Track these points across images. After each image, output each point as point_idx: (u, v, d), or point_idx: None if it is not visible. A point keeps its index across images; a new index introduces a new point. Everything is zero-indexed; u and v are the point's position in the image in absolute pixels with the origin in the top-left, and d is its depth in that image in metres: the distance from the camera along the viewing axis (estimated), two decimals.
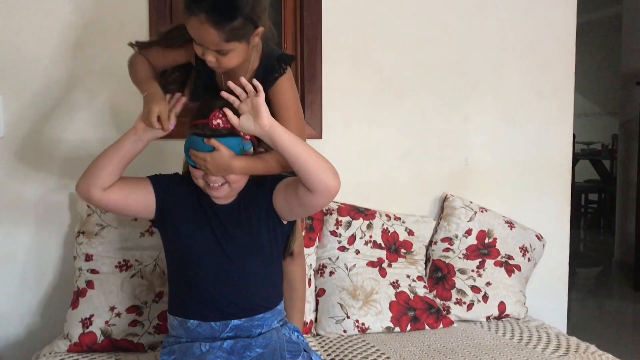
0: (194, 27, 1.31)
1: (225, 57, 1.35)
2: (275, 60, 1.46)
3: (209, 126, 1.35)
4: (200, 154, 1.36)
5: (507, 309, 2.05)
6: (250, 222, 1.47)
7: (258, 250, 1.47)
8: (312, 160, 1.32)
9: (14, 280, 1.95)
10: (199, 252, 1.44)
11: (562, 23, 2.35)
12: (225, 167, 1.37)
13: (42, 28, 1.90)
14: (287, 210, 1.47)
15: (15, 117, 1.91)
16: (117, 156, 1.41)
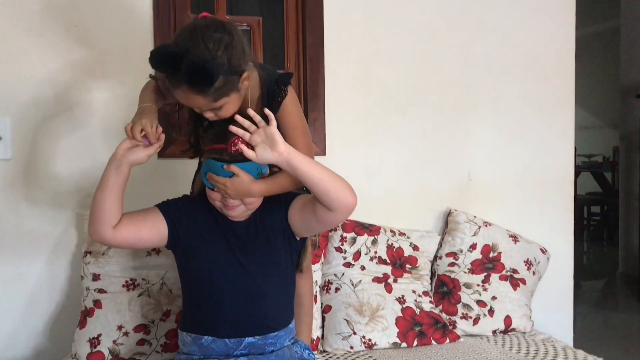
0: (182, 97, 1.34)
1: (222, 110, 1.37)
2: (275, 85, 1.48)
3: (227, 152, 1.37)
4: (220, 179, 1.38)
5: (513, 323, 2.05)
6: (267, 237, 1.49)
7: (275, 265, 1.49)
8: (330, 182, 1.34)
9: (21, 300, 1.96)
10: (216, 268, 1.45)
11: (560, 37, 2.38)
12: (245, 191, 1.41)
13: (48, 52, 1.93)
14: (304, 227, 1.49)
15: (22, 140, 1.93)
16: (107, 192, 1.39)
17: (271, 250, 1.49)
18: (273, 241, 1.49)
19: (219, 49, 1.28)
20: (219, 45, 1.28)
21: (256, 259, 1.46)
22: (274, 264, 1.49)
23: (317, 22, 2.10)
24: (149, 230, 1.47)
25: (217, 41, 1.28)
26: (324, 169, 1.35)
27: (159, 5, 1.98)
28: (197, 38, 1.27)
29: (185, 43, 1.28)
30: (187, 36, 1.29)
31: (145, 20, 1.99)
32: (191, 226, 1.49)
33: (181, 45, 1.28)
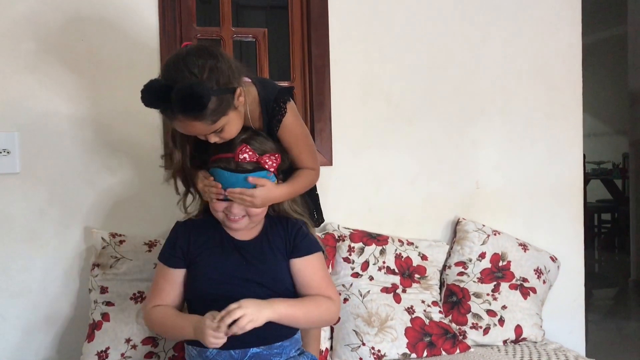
0: (180, 127, 1.36)
1: (225, 132, 1.39)
2: (274, 103, 1.49)
3: (234, 160, 1.39)
4: (247, 191, 1.41)
5: (524, 332, 2.03)
6: (273, 254, 1.51)
7: (279, 280, 1.50)
8: (314, 321, 1.54)
9: (29, 314, 1.96)
10: (220, 282, 1.46)
11: (567, 44, 2.37)
12: (272, 198, 1.46)
13: (56, 66, 1.94)
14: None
15: (31, 154, 1.94)
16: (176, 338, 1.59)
17: (276, 266, 1.50)
18: (279, 259, 1.52)
19: (204, 72, 1.30)
20: (204, 69, 1.30)
21: (260, 273, 1.48)
22: (279, 279, 1.50)
23: (322, 32, 2.10)
24: (181, 286, 1.53)
25: (200, 66, 1.30)
26: (306, 310, 1.46)
27: (165, 19, 1.99)
28: (181, 67, 1.30)
29: (171, 75, 1.30)
30: (172, 67, 1.32)
31: (151, 34, 2.00)
32: (196, 248, 1.51)
33: (167, 77, 1.31)
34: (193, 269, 1.51)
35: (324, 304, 1.50)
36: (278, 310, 1.38)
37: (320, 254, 1.58)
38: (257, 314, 1.32)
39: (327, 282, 1.57)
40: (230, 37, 2.11)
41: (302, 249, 1.53)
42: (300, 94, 2.15)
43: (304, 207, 1.64)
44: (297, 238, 1.54)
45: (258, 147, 1.43)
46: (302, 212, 1.61)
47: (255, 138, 1.45)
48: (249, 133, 1.45)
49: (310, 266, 1.53)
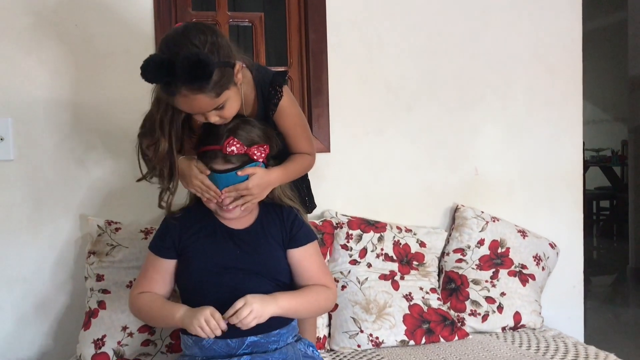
0: (183, 103, 1.31)
1: (225, 109, 1.36)
2: (270, 87, 1.47)
3: (222, 152, 1.37)
4: (241, 186, 1.40)
5: (523, 319, 2.02)
6: (268, 242, 1.50)
7: (274, 268, 1.48)
8: (314, 310, 1.55)
9: (25, 302, 1.95)
10: (213, 271, 1.44)
11: (567, 31, 2.34)
12: (267, 184, 1.45)
13: (49, 52, 1.92)
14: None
15: (25, 140, 1.92)
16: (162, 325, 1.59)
17: (271, 255, 1.49)
18: (275, 247, 1.50)
19: (205, 45, 1.28)
20: (205, 43, 1.28)
21: (255, 263, 1.46)
22: (274, 268, 1.48)
23: (319, 17, 2.08)
24: (170, 276, 1.52)
25: (202, 40, 1.28)
26: (307, 302, 1.47)
27: (159, 3, 1.96)
28: (183, 41, 1.27)
29: (172, 49, 1.27)
30: (172, 42, 1.29)
31: (146, 19, 1.97)
32: (188, 238, 1.50)
33: (169, 51, 1.27)
34: (185, 259, 1.49)
35: (323, 293, 1.51)
36: (281, 305, 1.39)
37: (316, 242, 1.57)
38: (262, 310, 1.33)
39: (324, 270, 1.57)
40: (227, 21, 2.08)
41: (299, 239, 1.52)
42: (298, 80, 2.13)
43: (295, 192, 1.61)
44: (294, 228, 1.52)
45: (245, 137, 1.40)
46: (293, 197, 1.58)
47: (241, 127, 1.41)
48: (235, 122, 1.41)
49: (307, 256, 1.52)
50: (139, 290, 1.52)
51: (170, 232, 1.51)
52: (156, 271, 1.51)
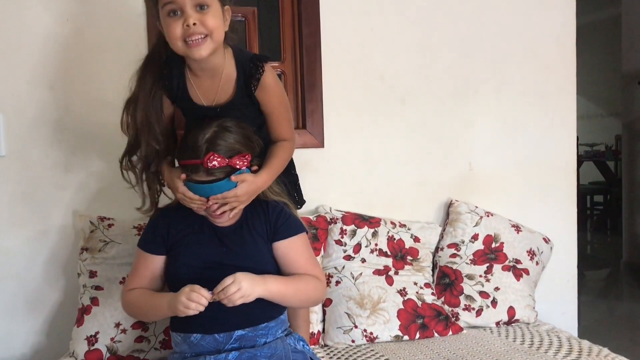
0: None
1: (209, 15, 1.34)
2: (250, 62, 1.46)
3: (203, 167, 1.36)
4: (229, 194, 1.39)
5: (517, 314, 2.03)
6: (252, 238, 1.49)
7: (260, 262, 1.47)
8: (303, 302, 1.53)
9: (18, 298, 1.94)
10: (199, 267, 1.44)
11: (561, 25, 2.34)
12: (255, 190, 1.44)
13: (41, 47, 1.90)
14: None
15: (16, 137, 1.90)
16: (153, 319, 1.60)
17: (255, 250, 1.48)
18: (259, 243, 1.49)
19: None
20: None
21: (240, 259, 1.45)
22: (260, 263, 1.47)
23: (313, 11, 2.06)
24: (160, 273, 1.52)
25: None
26: (296, 288, 1.46)
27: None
28: None
29: None
30: None
31: (138, 12, 1.95)
32: (176, 235, 1.49)
33: None
34: (173, 255, 1.49)
35: (312, 282, 1.49)
36: (270, 287, 1.38)
37: (304, 234, 1.55)
38: (250, 289, 1.32)
39: (313, 262, 1.55)
40: None
41: (284, 231, 1.50)
42: (291, 74, 2.12)
43: (281, 187, 1.60)
44: (279, 221, 1.51)
45: (225, 146, 1.38)
46: (280, 192, 1.57)
47: (219, 136, 1.38)
48: (211, 131, 1.38)
49: (294, 248, 1.51)
50: (129, 287, 1.51)
51: (159, 228, 1.51)
52: (146, 268, 1.51)
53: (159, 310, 1.42)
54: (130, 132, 1.46)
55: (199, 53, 1.36)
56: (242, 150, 1.41)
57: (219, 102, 1.48)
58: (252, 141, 1.46)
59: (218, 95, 1.47)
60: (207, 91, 1.47)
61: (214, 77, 1.46)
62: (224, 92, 1.47)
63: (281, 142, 1.55)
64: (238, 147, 1.41)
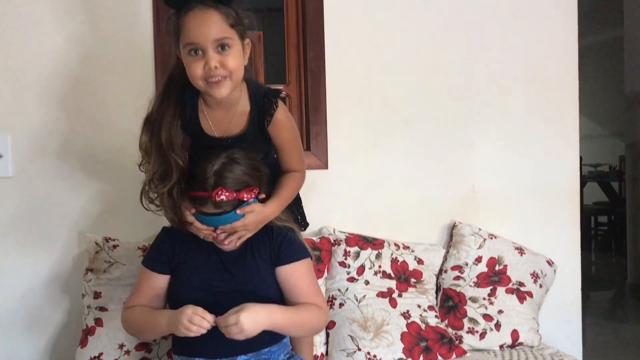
0: (194, 21, 1.33)
1: (229, 55, 1.35)
2: (264, 97, 1.47)
3: (211, 200, 1.37)
4: (237, 224, 1.41)
5: (521, 337, 2.02)
6: (255, 262, 1.49)
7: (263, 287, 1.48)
8: (305, 331, 1.54)
9: (22, 319, 1.94)
10: (200, 289, 1.45)
11: (564, 47, 2.36)
12: (263, 220, 1.46)
13: (49, 68, 1.93)
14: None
15: (23, 158, 1.92)
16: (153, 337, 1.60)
17: (257, 275, 1.48)
18: (262, 268, 1.49)
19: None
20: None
21: (242, 283, 1.46)
22: (262, 288, 1.48)
23: (317, 35, 2.09)
24: (163, 292, 1.53)
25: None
26: (300, 319, 1.45)
27: (159, 21, 1.98)
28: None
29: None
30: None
31: (145, 37, 1.99)
32: (181, 256, 1.51)
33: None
34: (176, 276, 1.50)
35: (316, 312, 1.48)
36: (274, 320, 1.37)
37: (308, 260, 1.55)
38: (253, 330, 1.32)
39: (315, 290, 1.54)
40: None
41: (287, 256, 1.50)
42: (296, 97, 2.14)
43: (287, 213, 1.61)
44: (282, 245, 1.51)
45: (232, 179, 1.39)
46: (286, 219, 1.58)
47: (227, 167, 1.40)
48: (219, 162, 1.39)
49: (296, 274, 1.50)
50: (129, 305, 1.52)
51: (165, 248, 1.52)
52: (149, 286, 1.51)
53: (157, 327, 1.42)
54: (154, 152, 1.43)
55: (220, 93, 1.37)
56: (250, 183, 1.42)
57: (230, 134, 1.49)
58: (260, 171, 1.47)
59: (230, 128, 1.48)
60: (220, 123, 1.48)
61: (228, 110, 1.47)
62: (237, 125, 1.48)
63: (292, 173, 1.57)
64: (246, 179, 1.41)
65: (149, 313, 1.47)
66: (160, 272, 1.51)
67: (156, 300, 1.52)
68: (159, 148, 1.41)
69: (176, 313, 1.35)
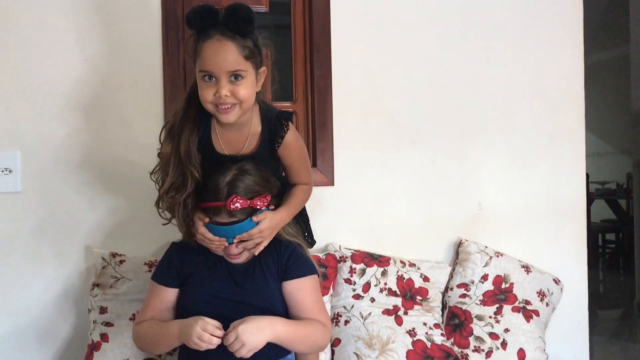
0: (210, 50, 1.37)
1: (241, 85, 1.39)
2: (276, 120, 1.52)
3: (225, 209, 1.40)
4: (254, 232, 1.43)
5: (527, 356, 2.00)
6: (263, 276, 1.51)
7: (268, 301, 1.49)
8: (309, 347, 1.51)
9: (27, 333, 1.95)
10: (208, 302, 1.46)
11: (570, 65, 2.36)
12: (276, 225, 1.49)
13: (59, 85, 1.95)
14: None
15: (32, 173, 1.94)
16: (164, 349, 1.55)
17: (265, 289, 1.50)
18: (270, 281, 1.51)
19: (254, 25, 1.41)
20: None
21: (250, 296, 1.48)
22: (269, 302, 1.49)
23: (324, 53, 2.11)
24: (172, 306, 1.54)
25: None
26: (304, 334, 1.46)
27: (168, 39, 2.00)
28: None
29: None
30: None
31: (154, 53, 2.01)
32: (189, 269, 1.52)
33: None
34: (185, 289, 1.51)
35: (320, 328, 1.50)
36: (277, 331, 1.39)
37: (315, 277, 1.56)
38: (255, 342, 1.33)
39: (319, 307, 1.55)
40: None
41: (293, 272, 1.52)
42: (303, 114, 2.15)
43: (295, 227, 1.64)
44: (290, 260, 1.53)
45: (244, 189, 1.43)
46: (295, 234, 1.61)
47: (239, 178, 1.44)
48: (231, 174, 1.44)
49: (302, 289, 1.52)
50: (140, 320, 1.53)
51: (174, 262, 1.54)
52: (158, 300, 1.53)
53: (169, 338, 1.43)
54: (172, 162, 1.46)
55: (227, 119, 1.43)
56: (262, 192, 1.46)
57: (240, 153, 1.53)
58: (270, 182, 1.51)
59: (241, 147, 1.52)
60: (231, 142, 1.52)
61: (239, 130, 1.51)
62: (248, 145, 1.52)
63: (300, 185, 1.61)
64: (258, 188, 1.45)
65: (159, 325, 1.48)
66: (169, 286, 1.52)
67: (165, 314, 1.53)
68: (178, 158, 1.45)
69: (187, 325, 1.36)
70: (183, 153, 1.45)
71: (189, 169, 1.44)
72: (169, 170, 1.46)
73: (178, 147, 1.46)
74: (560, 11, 2.34)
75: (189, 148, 1.46)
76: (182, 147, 1.45)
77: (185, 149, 1.45)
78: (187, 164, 1.45)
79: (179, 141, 1.46)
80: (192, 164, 1.46)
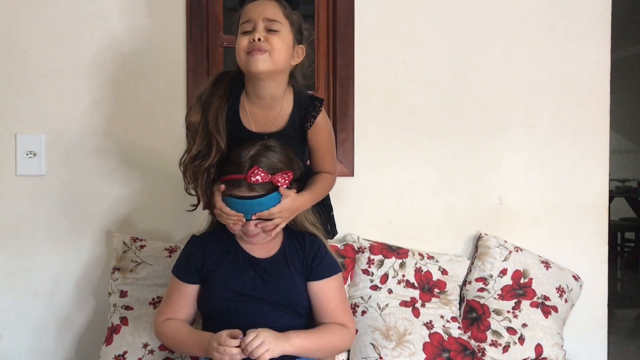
0: (253, 4, 1.43)
1: (277, 37, 1.41)
2: (309, 100, 1.52)
3: (246, 181, 1.38)
4: (275, 210, 1.41)
5: (544, 352, 1.99)
6: (289, 272, 1.49)
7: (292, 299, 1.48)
8: (327, 354, 1.49)
9: (49, 315, 1.98)
10: (232, 299, 1.45)
11: (595, 60, 2.33)
12: (297, 207, 1.47)
13: (84, 70, 1.98)
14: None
15: (57, 157, 1.97)
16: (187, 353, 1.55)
17: (293, 285, 1.49)
18: (297, 279, 1.50)
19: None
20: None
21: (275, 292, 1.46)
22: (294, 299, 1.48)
23: (347, 43, 2.10)
24: (194, 301, 1.53)
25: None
26: (321, 342, 1.44)
27: (192, 26, 2.01)
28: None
29: None
30: None
31: (178, 41, 2.02)
32: (211, 263, 1.50)
33: None
34: (206, 285, 1.50)
35: (339, 333, 1.48)
36: (294, 343, 1.38)
37: (339, 275, 1.55)
38: (274, 343, 1.32)
39: (343, 308, 1.54)
40: None
41: (319, 272, 1.51)
42: (325, 104, 2.14)
43: (316, 216, 1.62)
44: (316, 260, 1.51)
45: (267, 164, 1.41)
46: (315, 222, 1.59)
47: (263, 153, 1.42)
48: (256, 148, 1.43)
49: (326, 291, 1.51)
50: (163, 317, 1.53)
51: (195, 257, 1.52)
52: (180, 296, 1.52)
53: (195, 351, 1.44)
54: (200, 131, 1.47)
55: (256, 65, 1.41)
56: (284, 169, 1.44)
57: (268, 131, 1.52)
58: (293, 162, 1.49)
59: (269, 125, 1.51)
60: (259, 119, 1.52)
61: (270, 108, 1.51)
62: (276, 123, 1.52)
63: (323, 173, 1.60)
64: (281, 165, 1.43)
65: (187, 334, 1.46)
66: (190, 282, 1.51)
67: (188, 309, 1.52)
68: (206, 128, 1.46)
69: (210, 341, 1.35)
70: (212, 122, 1.45)
71: (216, 138, 1.44)
72: (196, 138, 1.46)
73: (207, 116, 1.46)
74: (587, 5, 2.30)
75: (217, 118, 1.46)
76: (211, 116, 1.46)
77: (214, 117, 1.46)
78: (215, 133, 1.44)
79: (208, 110, 1.46)
80: (220, 133, 1.45)
